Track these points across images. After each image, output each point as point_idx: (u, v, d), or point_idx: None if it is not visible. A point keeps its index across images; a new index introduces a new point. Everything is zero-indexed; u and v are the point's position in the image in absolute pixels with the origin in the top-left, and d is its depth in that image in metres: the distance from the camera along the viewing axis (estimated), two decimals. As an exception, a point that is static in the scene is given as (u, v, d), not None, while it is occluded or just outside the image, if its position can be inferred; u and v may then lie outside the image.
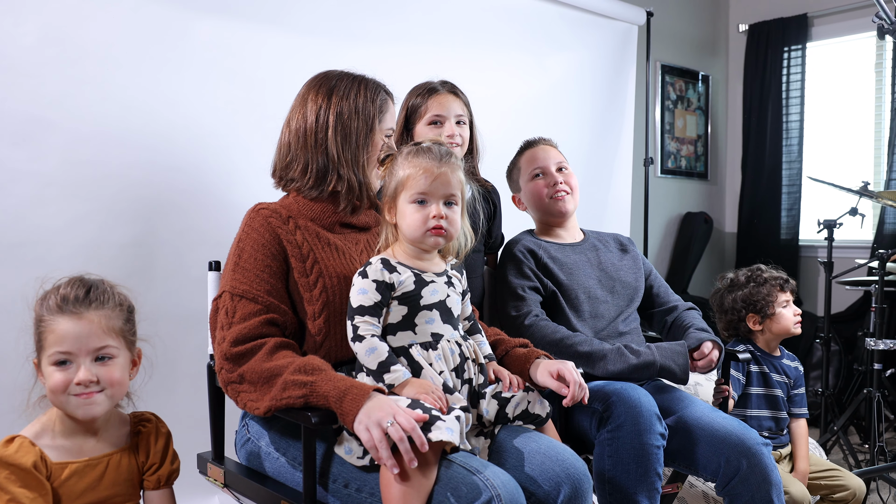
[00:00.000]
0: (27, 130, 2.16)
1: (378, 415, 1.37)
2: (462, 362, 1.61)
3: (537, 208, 2.33)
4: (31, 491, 1.35)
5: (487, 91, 3.24)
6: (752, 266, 2.61)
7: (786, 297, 2.51)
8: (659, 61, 4.75)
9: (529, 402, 1.65)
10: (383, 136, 1.78)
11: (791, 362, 2.57)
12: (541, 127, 2.62)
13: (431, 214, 1.59)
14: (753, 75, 5.00)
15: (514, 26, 3.38)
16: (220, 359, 1.58)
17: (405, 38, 2.98)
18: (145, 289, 2.33)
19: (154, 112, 2.38)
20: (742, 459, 1.88)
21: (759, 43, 4.97)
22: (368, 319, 1.54)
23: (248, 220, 1.70)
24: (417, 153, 1.62)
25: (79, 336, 1.40)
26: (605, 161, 3.82)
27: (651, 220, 4.71)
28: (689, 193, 5.04)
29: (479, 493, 1.38)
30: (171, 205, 2.40)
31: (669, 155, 4.91)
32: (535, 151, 2.35)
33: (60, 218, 2.23)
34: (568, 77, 3.61)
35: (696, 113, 5.07)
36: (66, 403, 1.41)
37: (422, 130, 2.20)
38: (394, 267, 1.59)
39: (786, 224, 4.89)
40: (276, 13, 2.67)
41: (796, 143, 4.83)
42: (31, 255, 2.16)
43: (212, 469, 1.79)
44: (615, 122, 3.84)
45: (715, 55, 5.18)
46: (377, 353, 1.51)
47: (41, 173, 2.19)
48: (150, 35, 2.37)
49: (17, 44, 2.14)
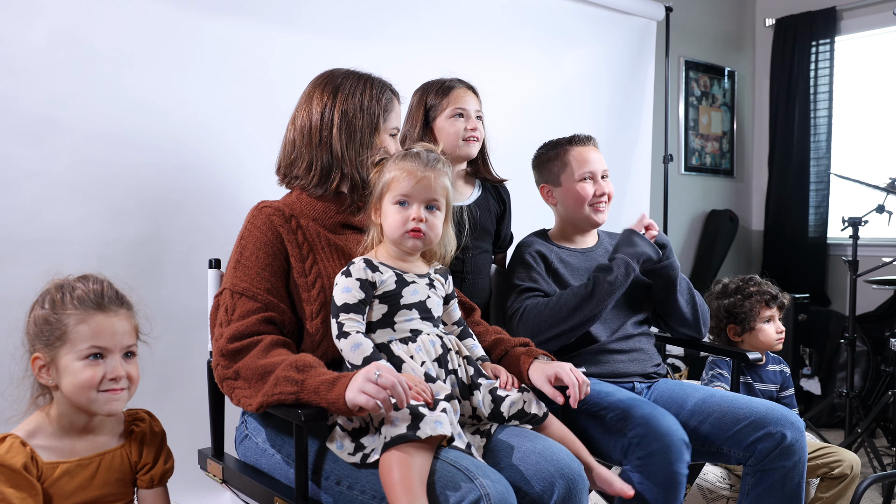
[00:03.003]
0: (38, 131, 2.20)
1: (363, 376, 1.39)
2: (444, 353, 1.61)
3: (573, 212, 2.23)
4: (21, 491, 1.36)
5: (499, 88, 3.21)
6: (746, 276, 2.60)
7: (770, 312, 2.51)
8: (682, 57, 4.68)
9: (525, 401, 1.64)
10: (388, 135, 1.78)
11: (776, 366, 2.57)
12: (555, 124, 2.59)
13: (411, 216, 1.61)
14: (780, 70, 4.90)
15: (528, 23, 3.36)
16: (216, 355, 1.60)
17: (416, 37, 2.98)
18: (155, 286, 2.37)
19: (163, 112, 2.40)
20: (787, 431, 1.87)
21: (787, 37, 4.87)
22: (353, 317, 1.56)
23: (251, 217, 1.72)
24: (405, 157, 1.65)
25: (115, 332, 1.43)
26: (623, 158, 3.77)
27: (674, 217, 4.65)
28: (713, 191, 4.97)
29: (468, 492, 1.37)
30: (181, 203, 2.42)
31: (694, 152, 4.84)
32: (588, 152, 2.23)
33: (70, 216, 2.26)
34: (583, 74, 3.57)
35: (721, 109, 4.99)
36: (93, 400, 1.41)
37: (443, 124, 2.17)
38: (376, 266, 1.62)
39: (814, 222, 4.79)
40: (287, 12, 2.67)
41: (824, 139, 4.73)
42: (42, 252, 2.19)
43: (211, 465, 1.81)
44: (633, 119, 3.80)
45: (741, 50, 5.10)
46: (362, 349, 1.52)
47: (51, 173, 2.22)
48: (160, 35, 2.39)
49: (28, 46, 2.17)
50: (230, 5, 2.53)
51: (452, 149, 2.15)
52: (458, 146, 2.16)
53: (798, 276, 4.77)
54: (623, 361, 2.14)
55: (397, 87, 2.05)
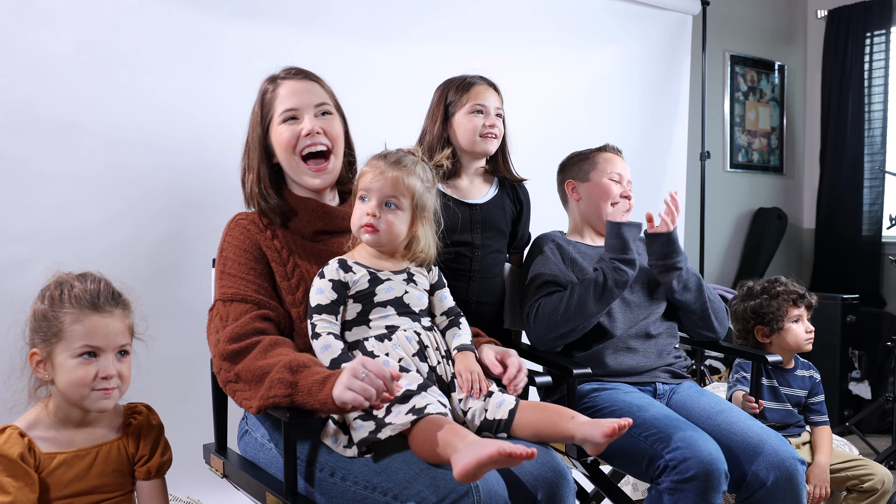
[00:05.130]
0: (63, 134, 2.29)
1: (349, 373, 1.39)
2: (422, 349, 1.61)
3: (596, 207, 2.23)
4: (17, 480, 1.41)
5: (525, 87, 3.20)
6: (772, 277, 2.53)
7: (798, 312, 2.43)
8: (728, 52, 4.58)
9: (487, 409, 1.60)
10: (280, 122, 1.78)
11: (806, 372, 2.49)
12: (584, 122, 2.57)
13: (366, 211, 1.62)
14: (833, 63, 4.76)
15: (555, 20, 3.32)
16: (218, 359, 1.61)
17: (439, 36, 2.98)
18: (177, 285, 2.44)
19: (184, 115, 2.47)
20: (772, 472, 1.78)
21: (839, 29, 4.72)
22: (325, 318, 1.58)
23: (228, 230, 1.76)
24: (377, 156, 1.67)
25: (108, 332, 1.48)
26: (656, 156, 3.70)
27: (719, 216, 4.56)
28: (761, 188, 4.84)
29: (456, 486, 1.37)
30: (202, 204, 2.48)
31: (740, 148, 4.72)
32: (617, 159, 2.28)
33: (97, 217, 2.35)
34: (614, 72, 3.51)
35: (769, 104, 4.86)
36: (87, 397, 1.46)
37: (461, 119, 2.14)
38: (350, 267, 1.64)
39: (868, 220, 4.62)
40: (308, 15, 2.71)
41: (879, 134, 4.56)
42: (68, 251, 2.26)
43: (214, 460, 1.85)
44: (668, 116, 3.72)
45: (791, 43, 4.95)
46: (331, 350, 1.54)
47: (76, 174, 2.31)
48: (181, 39, 2.46)
49: (54, 53, 2.26)
50: (250, 9, 2.58)
51: (469, 145, 2.13)
52: (475, 142, 2.13)
53: (851, 277, 4.61)
54: (643, 357, 2.11)
55: (420, 87, 2.05)
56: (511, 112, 2.60)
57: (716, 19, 4.34)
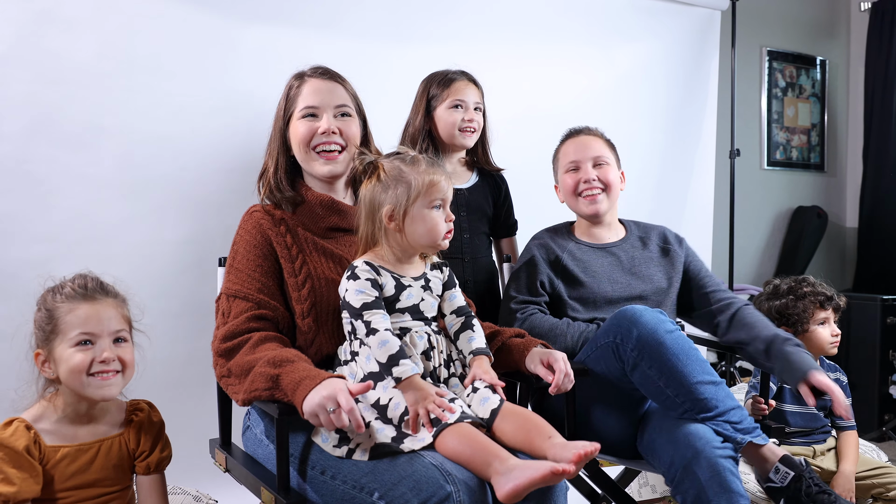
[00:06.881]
0: (85, 137, 2.35)
1: (318, 400, 1.41)
2: (429, 349, 1.63)
3: (571, 205, 2.28)
4: (22, 472, 1.47)
5: (547, 86, 3.19)
6: (800, 277, 2.47)
7: (825, 314, 2.37)
8: (765, 47, 4.48)
9: (470, 405, 1.59)
10: (300, 118, 1.84)
11: (831, 374, 2.41)
12: (607, 120, 2.54)
13: (446, 219, 1.67)
14: (877, 58, 4.62)
15: (577, 19, 3.28)
16: (215, 356, 1.68)
17: (459, 37, 2.97)
18: (197, 284, 2.49)
19: (203, 117, 2.51)
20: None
21: (884, 22, 4.59)
22: (377, 312, 1.58)
23: (242, 222, 1.81)
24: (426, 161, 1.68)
25: (101, 318, 1.53)
26: (684, 155, 3.63)
27: (756, 214, 4.47)
28: (800, 186, 4.72)
29: (439, 487, 1.38)
30: (221, 205, 2.52)
31: (778, 146, 4.62)
32: (574, 143, 2.26)
33: (117, 217, 2.41)
34: (639, 69, 3.45)
35: (809, 101, 4.74)
36: (86, 385, 1.51)
37: (442, 114, 2.31)
38: (378, 269, 1.64)
39: (913, 219, 4.48)
40: (327, 18, 2.74)
41: (924, 130, 4.42)
42: (90, 252, 2.34)
43: (217, 454, 1.89)
44: (695, 114, 3.64)
45: (833, 38, 4.82)
46: (388, 347, 1.53)
47: (98, 176, 2.38)
48: (199, 44, 2.50)
49: (76, 58, 2.33)
50: (268, 12, 2.62)
51: (449, 138, 2.30)
52: (454, 136, 2.30)
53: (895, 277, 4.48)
54: None
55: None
56: (533, 112, 2.59)
57: (752, 14, 4.25)
